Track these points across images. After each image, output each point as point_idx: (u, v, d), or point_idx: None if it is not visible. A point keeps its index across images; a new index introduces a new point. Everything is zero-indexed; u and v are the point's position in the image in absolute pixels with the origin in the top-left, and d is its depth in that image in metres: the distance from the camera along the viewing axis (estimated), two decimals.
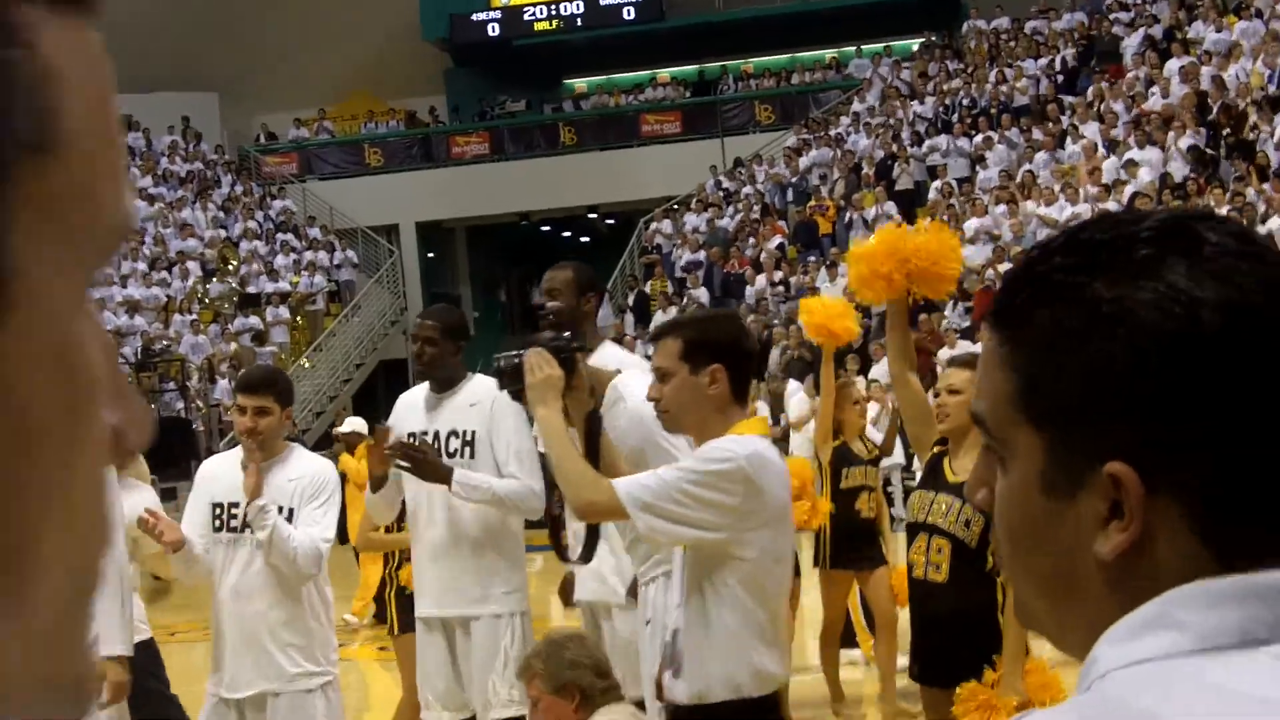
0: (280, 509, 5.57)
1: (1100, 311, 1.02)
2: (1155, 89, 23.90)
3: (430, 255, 35.01)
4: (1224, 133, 22.06)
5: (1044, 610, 1.10)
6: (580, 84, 38.10)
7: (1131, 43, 25.94)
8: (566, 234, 38.08)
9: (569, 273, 5.63)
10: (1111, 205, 20.63)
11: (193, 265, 29.40)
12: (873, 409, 14.92)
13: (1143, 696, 0.94)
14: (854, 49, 34.30)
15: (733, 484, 3.87)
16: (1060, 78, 26.75)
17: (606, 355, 5.44)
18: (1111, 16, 27.22)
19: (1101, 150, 23.13)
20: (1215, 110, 22.59)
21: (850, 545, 8.70)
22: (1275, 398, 1.00)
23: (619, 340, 23.34)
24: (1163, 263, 1.02)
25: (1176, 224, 1.05)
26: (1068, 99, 25.72)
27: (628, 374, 4.89)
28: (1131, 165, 21.88)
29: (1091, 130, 23.78)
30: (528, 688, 4.69)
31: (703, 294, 25.71)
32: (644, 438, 4.75)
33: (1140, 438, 1.01)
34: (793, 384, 19.89)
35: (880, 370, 17.59)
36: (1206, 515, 1.01)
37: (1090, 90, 25.35)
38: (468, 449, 5.94)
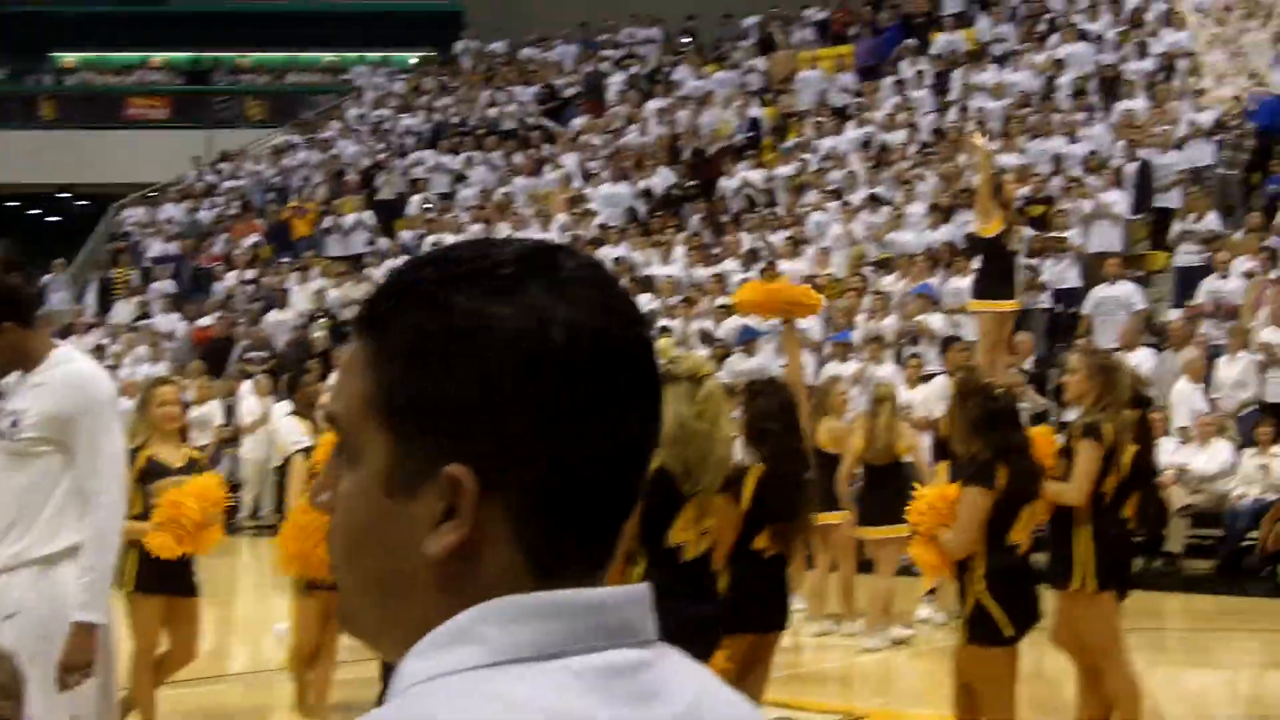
0: None
1: (458, 322, 1.06)
2: (634, 127, 24.65)
3: None
4: (689, 178, 22.97)
5: (368, 611, 1.11)
6: (69, 58, 36.50)
7: (617, 80, 26.70)
8: (35, 211, 36.32)
9: None
10: (581, 234, 21.12)
11: None
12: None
13: (426, 704, 1.00)
14: (353, 55, 34.14)
15: None
16: (548, 107, 27.25)
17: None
18: (602, 53, 27.96)
19: (577, 181, 23.67)
20: (687, 153, 23.51)
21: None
22: (605, 416, 1.06)
23: (70, 328, 22.29)
24: (522, 282, 1.07)
25: (538, 251, 1.11)
26: (553, 128, 26.22)
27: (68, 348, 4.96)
28: (600, 198, 22.49)
29: (570, 160, 24.31)
30: None
31: (170, 285, 24.91)
32: (79, 406, 4.73)
33: (482, 442, 1.05)
34: (245, 385, 19.44)
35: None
36: (529, 524, 1.06)
37: (575, 122, 25.91)
38: None
